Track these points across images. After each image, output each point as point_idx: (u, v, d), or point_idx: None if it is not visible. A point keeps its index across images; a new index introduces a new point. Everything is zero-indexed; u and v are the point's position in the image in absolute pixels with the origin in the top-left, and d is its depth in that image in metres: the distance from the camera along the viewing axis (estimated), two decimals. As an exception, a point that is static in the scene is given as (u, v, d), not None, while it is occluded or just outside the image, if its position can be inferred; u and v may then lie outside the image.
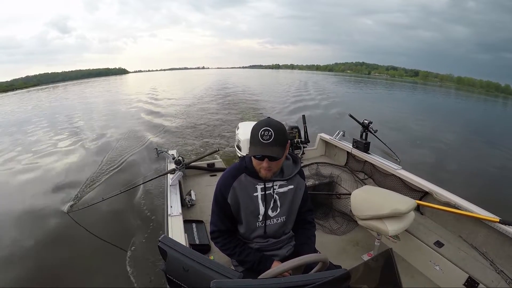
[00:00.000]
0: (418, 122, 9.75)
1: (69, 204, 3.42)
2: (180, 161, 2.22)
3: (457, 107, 18.69)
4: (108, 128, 7.85)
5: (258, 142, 0.94)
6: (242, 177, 1.07)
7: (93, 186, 3.98)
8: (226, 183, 1.07)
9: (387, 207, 1.46)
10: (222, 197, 1.06)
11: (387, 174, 2.23)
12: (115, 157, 5.21)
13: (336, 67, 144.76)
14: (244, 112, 9.79)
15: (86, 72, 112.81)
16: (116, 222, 3.07)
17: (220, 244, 1.12)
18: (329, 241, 1.97)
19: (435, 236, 1.70)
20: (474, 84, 75.12)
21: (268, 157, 0.95)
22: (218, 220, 1.10)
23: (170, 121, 8.57)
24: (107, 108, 12.42)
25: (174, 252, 0.67)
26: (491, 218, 1.50)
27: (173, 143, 6.11)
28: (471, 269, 1.44)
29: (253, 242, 1.12)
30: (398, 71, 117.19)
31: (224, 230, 1.11)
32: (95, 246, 2.66)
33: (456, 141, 7.60)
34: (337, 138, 2.80)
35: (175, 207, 1.69)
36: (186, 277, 0.64)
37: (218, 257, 1.63)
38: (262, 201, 1.06)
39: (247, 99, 13.31)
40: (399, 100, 19.44)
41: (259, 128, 0.95)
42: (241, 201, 1.06)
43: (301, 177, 1.14)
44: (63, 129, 8.26)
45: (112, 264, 2.46)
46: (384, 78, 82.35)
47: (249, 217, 1.08)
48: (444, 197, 1.75)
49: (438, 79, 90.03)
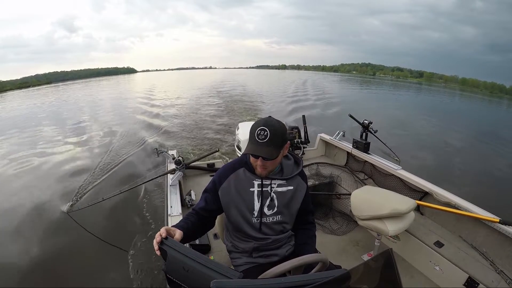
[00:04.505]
0: (417, 122, 9.77)
1: (69, 204, 3.43)
2: (180, 161, 2.23)
3: (455, 108, 18.71)
4: (112, 127, 7.92)
5: (254, 140, 0.96)
6: (240, 171, 1.08)
7: (93, 186, 3.98)
8: (224, 174, 1.09)
9: (387, 207, 1.46)
10: (214, 187, 1.08)
11: (387, 174, 2.23)
12: (115, 157, 5.22)
13: (341, 67, 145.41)
14: (245, 112, 9.80)
15: (95, 71, 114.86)
16: (116, 222, 3.07)
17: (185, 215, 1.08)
18: (329, 241, 1.97)
19: (435, 236, 1.70)
20: (478, 85, 75.26)
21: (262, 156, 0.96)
22: (200, 201, 1.09)
23: (170, 121, 8.58)
24: (116, 105, 12.75)
25: (174, 252, 0.68)
26: (491, 218, 1.50)
27: (173, 143, 6.12)
28: (471, 269, 1.44)
29: (251, 240, 1.11)
30: (404, 72, 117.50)
31: (197, 209, 1.07)
32: (95, 246, 2.66)
33: (458, 142, 7.60)
34: (337, 138, 2.80)
35: (175, 207, 1.69)
36: (186, 277, 0.64)
37: (218, 257, 1.63)
38: (258, 197, 1.07)
39: (252, 100, 13.38)
40: (399, 100, 19.49)
41: (256, 127, 0.96)
42: (235, 193, 1.06)
43: (303, 179, 1.14)
44: (71, 129, 8.30)
45: (112, 264, 2.46)
46: (389, 79, 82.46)
47: (243, 211, 1.07)
48: (444, 197, 1.75)
49: (443, 81, 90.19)
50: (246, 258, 1.13)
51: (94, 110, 11.87)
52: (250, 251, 1.11)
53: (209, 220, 1.10)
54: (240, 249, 1.14)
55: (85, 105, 14.08)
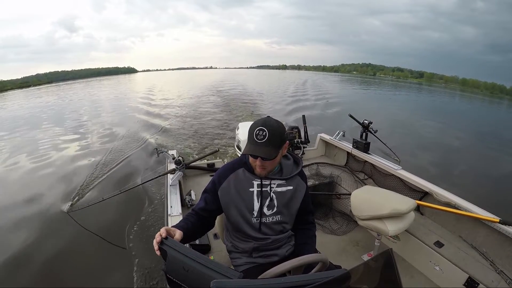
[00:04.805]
0: (417, 122, 9.77)
1: (69, 204, 3.42)
2: (180, 161, 2.23)
3: (455, 108, 18.71)
4: (113, 126, 7.94)
5: (252, 141, 0.96)
6: (240, 171, 1.09)
7: (93, 186, 3.98)
8: (223, 174, 1.09)
9: (387, 207, 1.46)
10: (214, 187, 1.08)
11: (387, 174, 2.23)
12: (115, 157, 5.21)
13: (342, 68, 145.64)
14: (245, 111, 9.80)
15: (96, 70, 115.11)
16: (116, 222, 3.07)
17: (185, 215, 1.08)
18: (329, 241, 1.97)
19: (435, 236, 1.70)
20: (478, 86, 75.31)
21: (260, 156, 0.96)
22: (200, 201, 1.09)
23: (170, 120, 8.58)
24: (116, 105, 12.75)
25: (174, 252, 0.68)
26: (491, 218, 1.50)
27: (173, 143, 6.12)
28: (471, 269, 1.44)
29: (250, 240, 1.11)
30: (404, 73, 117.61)
31: (197, 209, 1.08)
32: (95, 246, 2.66)
33: (458, 142, 7.60)
34: (337, 138, 2.80)
35: (175, 207, 1.69)
36: (186, 277, 0.64)
37: (218, 257, 1.63)
38: (257, 197, 1.07)
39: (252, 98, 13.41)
40: (396, 100, 19.50)
41: (255, 127, 0.96)
42: (234, 193, 1.06)
43: (302, 179, 1.14)
44: (71, 127, 8.32)
45: (112, 264, 2.45)
46: (390, 79, 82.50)
47: (243, 211, 1.07)
48: (444, 197, 1.75)
49: (443, 81, 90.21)
50: (246, 258, 1.13)
51: (95, 109, 11.90)
52: (250, 251, 1.11)
53: (209, 221, 1.10)
54: (240, 249, 1.14)
55: (88, 104, 14.10)
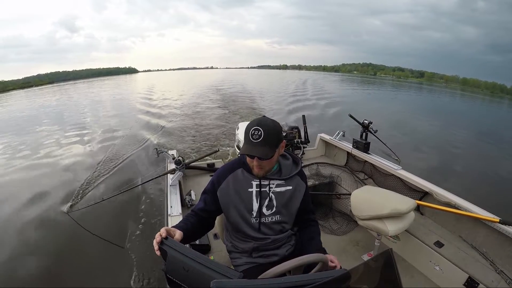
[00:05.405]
0: (417, 122, 9.77)
1: (69, 204, 3.42)
2: (180, 161, 2.23)
3: (456, 108, 18.71)
4: (113, 126, 7.95)
5: (248, 141, 0.96)
6: (239, 172, 1.09)
7: (93, 186, 3.98)
8: (222, 175, 1.09)
9: (387, 207, 1.46)
10: (213, 188, 1.08)
11: (387, 174, 2.23)
12: (115, 157, 5.21)
13: (342, 68, 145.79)
14: (245, 110, 9.81)
15: (97, 71, 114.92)
16: (116, 222, 3.07)
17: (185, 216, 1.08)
18: (329, 241, 1.97)
19: (435, 236, 1.70)
20: (479, 85, 75.33)
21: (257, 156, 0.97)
22: (199, 202, 1.10)
23: (170, 120, 8.57)
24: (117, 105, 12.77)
25: (174, 252, 0.68)
26: (491, 218, 1.50)
27: (173, 143, 6.12)
28: (471, 269, 1.44)
29: (250, 240, 1.11)
30: (405, 72, 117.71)
31: (196, 210, 1.08)
32: (95, 246, 2.66)
33: (458, 142, 7.60)
34: (337, 138, 2.80)
35: (175, 207, 1.69)
36: (186, 277, 0.64)
37: (218, 257, 1.63)
38: (256, 197, 1.07)
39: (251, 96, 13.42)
40: (395, 100, 19.51)
41: (250, 127, 0.96)
42: (233, 194, 1.06)
43: (302, 179, 1.14)
44: (71, 127, 8.32)
45: (112, 264, 2.46)
46: (390, 79, 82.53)
47: (242, 211, 1.07)
48: (444, 197, 1.75)
49: (444, 81, 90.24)
50: (246, 258, 1.13)
51: (96, 109, 11.93)
52: (250, 251, 1.11)
53: (209, 221, 1.10)
54: (240, 249, 1.14)
55: (88, 104, 14.12)
